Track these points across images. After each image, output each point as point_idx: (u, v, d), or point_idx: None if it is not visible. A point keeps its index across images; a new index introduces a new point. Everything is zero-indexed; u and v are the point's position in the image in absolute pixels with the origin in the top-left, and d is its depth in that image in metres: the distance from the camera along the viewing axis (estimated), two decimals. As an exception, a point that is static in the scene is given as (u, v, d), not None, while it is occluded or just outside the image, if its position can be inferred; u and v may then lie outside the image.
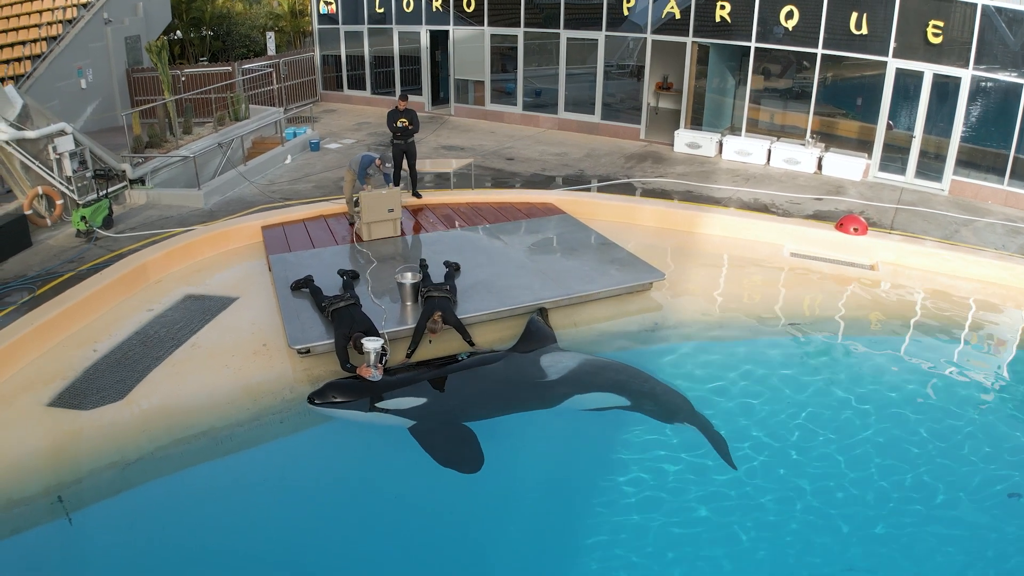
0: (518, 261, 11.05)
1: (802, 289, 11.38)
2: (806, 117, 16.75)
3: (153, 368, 9.02)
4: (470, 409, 8.32)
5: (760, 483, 7.45)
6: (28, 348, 9.07)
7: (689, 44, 17.65)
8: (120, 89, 20.09)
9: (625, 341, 9.83)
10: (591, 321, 10.07)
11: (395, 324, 9.38)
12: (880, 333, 10.43)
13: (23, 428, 7.92)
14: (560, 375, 8.64)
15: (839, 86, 16.66)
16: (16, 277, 11.05)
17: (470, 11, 20.58)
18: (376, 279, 10.57)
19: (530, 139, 19.40)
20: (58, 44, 18.16)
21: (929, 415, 8.49)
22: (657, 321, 10.20)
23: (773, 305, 10.91)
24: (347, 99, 24.15)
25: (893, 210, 14.18)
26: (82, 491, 7.25)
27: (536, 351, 8.96)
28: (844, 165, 16.20)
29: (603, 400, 8.57)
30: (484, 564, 6.75)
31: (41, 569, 6.59)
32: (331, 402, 8.16)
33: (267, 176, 16.31)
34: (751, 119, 17.61)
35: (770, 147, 16.92)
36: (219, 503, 7.41)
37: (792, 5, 16.06)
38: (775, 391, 8.87)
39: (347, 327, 8.74)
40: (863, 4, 15.20)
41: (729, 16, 16.84)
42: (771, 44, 16.60)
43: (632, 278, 10.52)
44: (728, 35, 17.04)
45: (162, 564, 6.66)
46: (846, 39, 15.61)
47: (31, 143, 12.30)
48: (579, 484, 7.64)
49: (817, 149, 16.59)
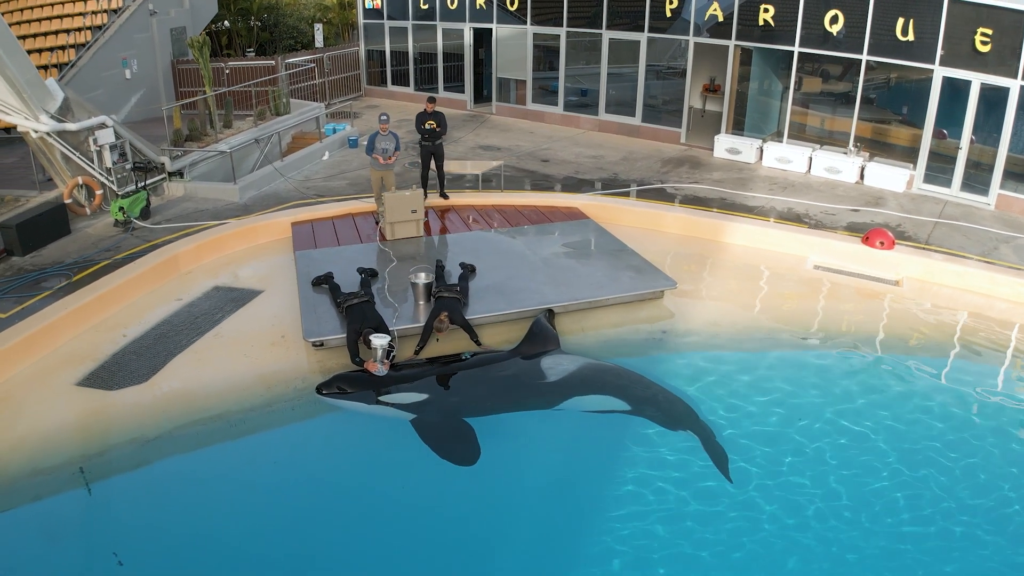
0: (533, 264, 11.75)
1: (821, 303, 11.78)
2: (850, 125, 17.01)
3: (177, 354, 10.01)
4: (470, 406, 9.05)
5: (755, 494, 7.87)
6: (62, 331, 10.16)
7: (732, 47, 18.09)
8: (164, 80, 21.42)
9: (632, 348, 10.43)
10: (599, 327, 10.71)
11: (407, 322, 10.19)
12: (896, 350, 10.72)
13: (53, 404, 8.96)
14: (560, 377, 9.31)
15: (884, 93, 16.94)
16: (54, 263, 12.21)
17: (514, 9, 21.33)
18: (394, 278, 11.39)
19: (568, 140, 20.06)
20: (103, 34, 19.49)
21: (941, 434, 8.81)
22: (666, 329, 10.79)
23: (788, 318, 11.36)
24: (390, 95, 25.16)
25: (932, 224, 14.39)
26: (103, 464, 8.21)
27: (538, 353, 9.64)
28: (887, 176, 16.43)
29: (602, 403, 9.17)
30: (483, 550, 7.40)
31: (58, 535, 7.50)
32: (338, 393, 8.98)
33: (303, 172, 17.32)
34: (794, 125, 17.94)
35: (811, 155, 17.23)
36: (230, 481, 8.28)
37: (837, 9, 16.39)
38: (780, 405, 9.28)
39: (359, 323, 9.57)
40: (910, 9, 15.44)
41: (773, 19, 17.23)
42: (815, 49, 16.92)
43: (643, 285, 11.12)
44: (771, 39, 17.43)
45: (173, 534, 7.50)
46: (892, 45, 15.87)
47: (72, 135, 13.48)
48: (581, 484, 8.23)
49: (860, 158, 16.87)
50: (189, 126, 16.94)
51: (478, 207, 14.39)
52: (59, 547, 7.38)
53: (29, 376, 9.50)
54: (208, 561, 7.21)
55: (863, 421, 8.98)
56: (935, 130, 15.95)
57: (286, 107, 19.87)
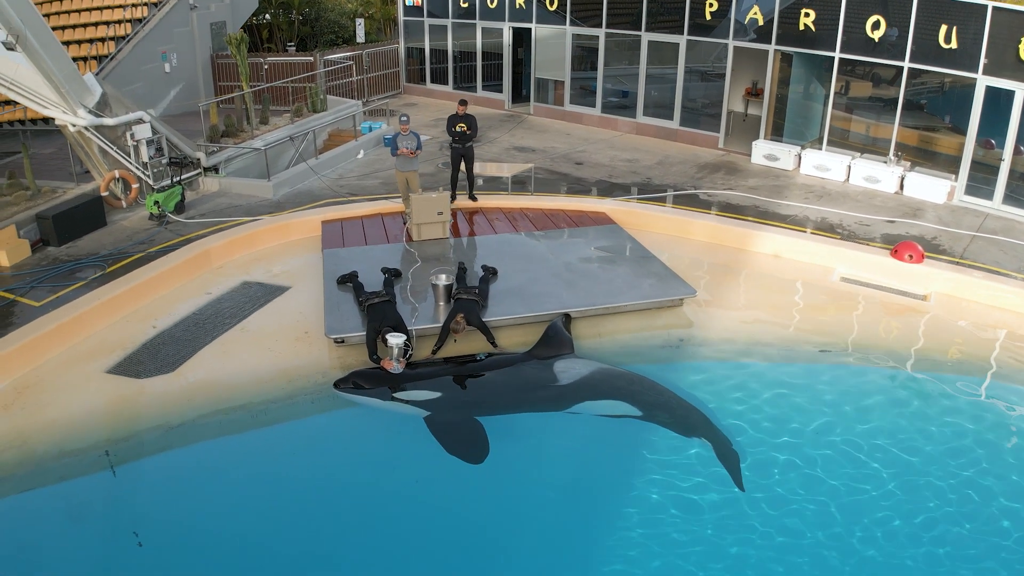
0: (555, 269, 12.22)
1: (844, 316, 12.01)
2: (890, 133, 17.13)
3: (204, 346, 10.69)
4: (482, 405, 9.58)
5: (767, 510, 8.22)
6: (95, 320, 10.92)
7: (771, 52, 18.32)
8: (204, 74, 22.32)
9: (647, 355, 10.85)
10: (616, 333, 11.15)
11: (426, 322, 10.74)
12: (916, 366, 10.92)
13: (83, 390, 9.70)
14: (572, 380, 9.77)
15: (926, 102, 17.02)
16: (89, 255, 13.01)
17: (552, 9, 21.80)
18: (417, 278, 11.96)
19: (604, 143, 20.46)
20: (143, 27, 20.43)
21: (956, 450, 9.08)
22: (683, 337, 11.18)
23: (807, 330, 11.63)
24: (429, 93, 25.82)
25: (969, 238, 14.48)
26: (128, 448, 8.90)
27: (552, 356, 10.11)
28: (927, 186, 16.49)
29: (613, 408, 9.61)
30: (492, 547, 7.89)
31: (81, 514, 8.19)
32: (354, 388, 9.56)
33: (337, 170, 17.98)
34: (834, 132, 18.10)
35: (850, 163, 17.39)
36: (250, 469, 8.91)
37: (879, 15, 16.51)
38: (792, 417, 9.60)
39: (378, 321, 10.14)
40: (953, 17, 15.53)
41: (813, 24, 17.43)
42: (856, 55, 17.08)
43: (662, 293, 11.52)
44: (812, 44, 17.62)
45: (192, 518, 8.14)
46: (934, 53, 15.95)
47: (109, 129, 14.30)
48: (592, 485, 8.69)
49: (900, 168, 16.97)
50: (226, 122, 17.72)
51: (506, 210, 14.89)
52: (82, 526, 8.07)
53: (61, 363, 10.27)
54: (223, 545, 7.81)
55: (874, 437, 9.26)
56: (982, 140, 15.98)
57: (323, 104, 20.59)
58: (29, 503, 8.32)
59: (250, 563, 7.63)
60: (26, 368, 10.03)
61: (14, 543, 7.82)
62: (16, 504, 8.26)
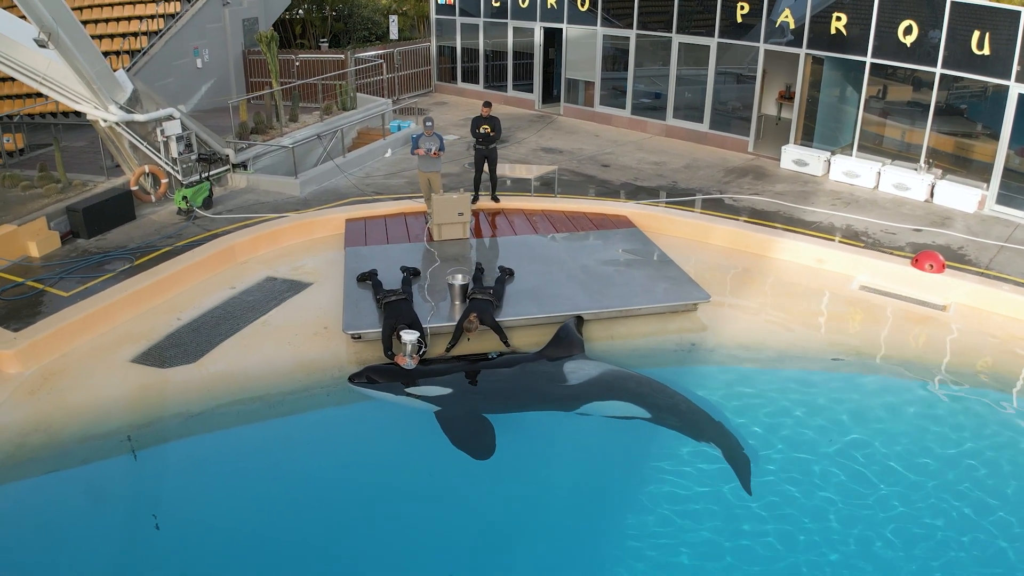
0: (571, 271, 12.63)
1: (860, 325, 12.28)
2: (922, 140, 17.27)
3: (226, 339, 11.28)
4: (491, 402, 10.03)
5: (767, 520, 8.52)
6: (121, 311, 11.57)
7: (802, 55, 18.55)
8: (236, 70, 23.08)
9: (658, 358, 11.21)
10: (628, 336, 11.53)
11: (442, 321, 11.22)
12: (929, 378, 11.13)
13: (108, 378, 10.33)
14: (581, 381, 10.18)
15: (959, 108, 17.12)
16: (118, 247, 13.69)
17: (584, 9, 22.21)
18: (435, 278, 12.44)
19: (633, 145, 20.82)
20: (175, 23, 21.21)
21: (954, 463, 9.32)
22: (695, 342, 11.52)
23: (820, 338, 11.91)
24: (460, 92, 26.37)
25: (997, 248, 14.58)
26: (149, 434, 9.50)
27: (562, 357, 10.52)
28: (957, 194, 16.59)
29: (622, 409, 9.99)
30: (500, 541, 8.34)
31: (102, 496, 8.79)
32: (368, 383, 10.07)
33: (364, 168, 18.55)
34: (865, 138, 18.26)
35: (879, 170, 17.55)
36: (265, 457, 9.47)
37: (911, 20, 16.65)
38: (800, 425, 9.89)
39: (394, 319, 10.64)
40: (986, 23, 15.63)
41: (845, 28, 17.63)
42: (888, 60, 17.24)
43: (676, 297, 11.89)
44: (843, 48, 17.83)
45: (209, 503, 8.69)
46: (966, 59, 16.09)
47: (140, 125, 15.01)
48: (604, 487, 9.08)
49: (930, 175, 17.08)
50: (255, 119, 18.37)
51: (527, 211, 15.33)
52: (102, 507, 8.68)
53: (88, 351, 10.91)
54: (238, 529, 8.34)
55: (885, 446, 9.53)
56: (1016, 148, 16.03)
57: (352, 102, 21.19)
58: (52, 484, 8.92)
59: (260, 547, 8.11)
60: (53, 355, 10.69)
61: (35, 523, 8.41)
62: (40, 485, 8.89)
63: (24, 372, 10.41)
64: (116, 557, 8.06)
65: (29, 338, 10.60)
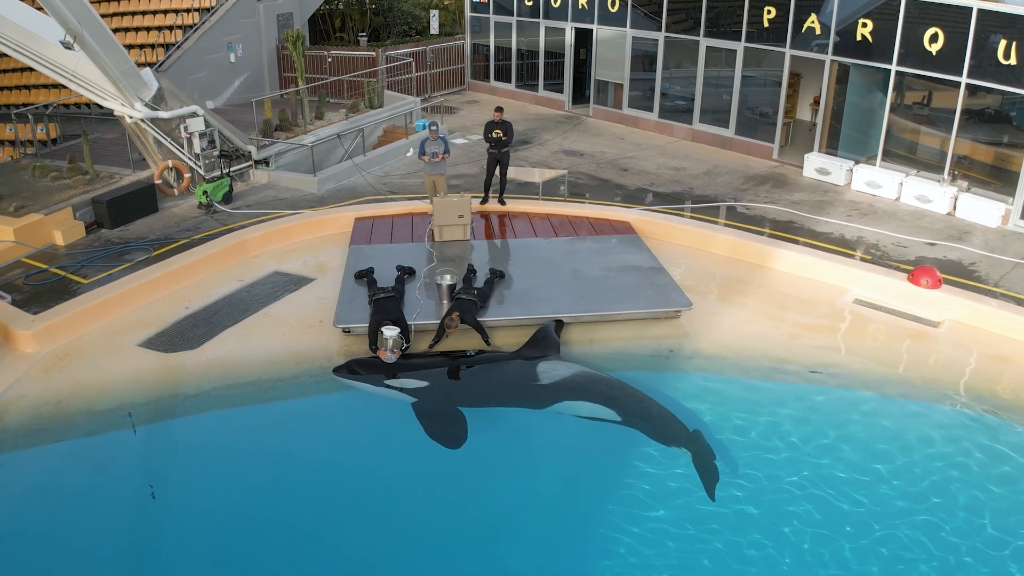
0: (561, 275, 13.80)
1: (844, 339, 13.03)
2: (946, 151, 17.74)
3: (227, 328, 12.73)
4: (465, 396, 11.25)
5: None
6: (134, 299, 13.13)
7: (828, 62, 19.31)
8: (269, 65, 24.70)
9: (635, 363, 12.24)
10: (608, 340, 12.63)
11: (428, 318, 12.47)
12: (909, 395, 11.70)
13: (115, 359, 11.86)
14: (552, 380, 11.32)
15: (986, 120, 17.55)
16: (138, 238, 15.29)
17: (614, 11, 23.27)
18: (429, 278, 13.69)
19: (656, 149, 21.82)
20: (210, 17, 22.88)
21: (922, 483, 9.96)
22: (673, 348, 12.55)
23: (804, 350, 12.63)
24: (492, 90, 27.69)
25: (1011, 265, 14.93)
26: (149, 412, 11.01)
27: (537, 357, 11.68)
28: (981, 208, 16.98)
29: (592, 410, 11.05)
30: (478, 528, 9.44)
31: (104, 466, 10.26)
32: (350, 374, 11.37)
33: (385, 167, 19.92)
34: (890, 148, 18.82)
35: (902, 181, 18.13)
36: (254, 437, 10.90)
37: (937, 27, 17.20)
38: (769, 437, 10.74)
39: (380, 315, 11.94)
40: (1014, 31, 16.09)
41: (871, 35, 18.29)
42: (913, 68, 17.83)
43: (657, 304, 12.95)
44: (868, 55, 18.51)
45: (201, 477, 10.13)
46: (993, 68, 16.52)
47: (164, 122, 16.61)
48: (582, 484, 10.16)
49: (953, 188, 17.52)
50: (280, 116, 19.88)
51: (532, 215, 16.51)
52: (104, 476, 10.13)
53: (100, 335, 12.46)
54: (226, 501, 9.73)
55: (842, 462, 10.31)
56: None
57: (380, 100, 22.57)
58: (59, 453, 10.45)
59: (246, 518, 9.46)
60: (68, 337, 12.26)
61: (41, 488, 9.94)
62: (47, 453, 10.43)
63: (40, 352, 11.99)
64: (112, 521, 9.45)
65: (46, 321, 12.20)
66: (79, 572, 8.76)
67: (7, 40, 14.69)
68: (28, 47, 14.79)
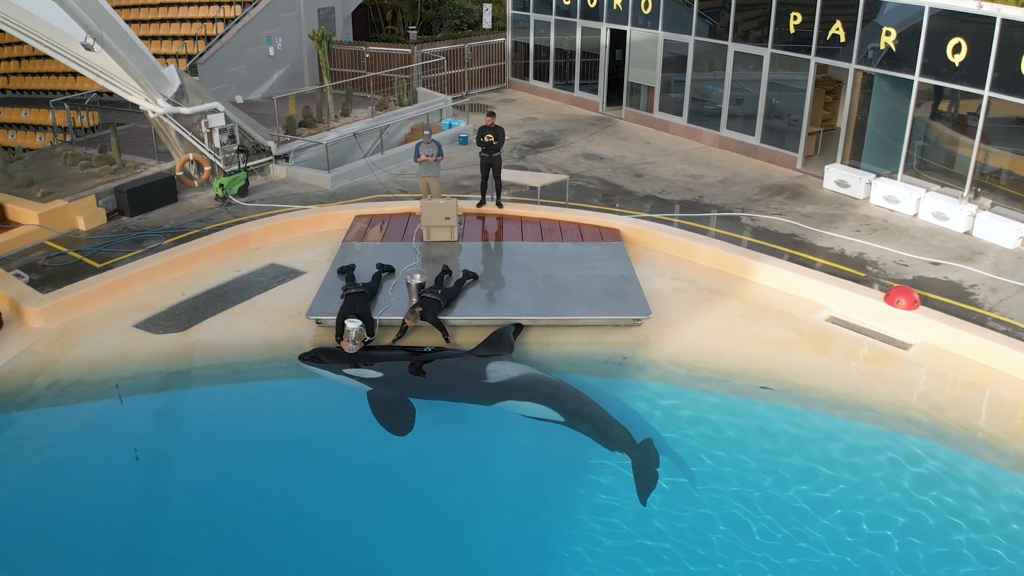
0: (533, 279, 15.42)
1: (806, 356, 13.87)
2: (968, 168, 18.24)
3: (216, 314, 14.76)
4: (416, 389, 12.97)
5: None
6: (136, 284, 15.31)
7: (851, 71, 20.23)
8: (309, 59, 26.78)
9: (588, 368, 13.73)
10: (564, 344, 14.17)
11: (394, 314, 14.22)
12: (859, 417, 12.50)
13: (111, 337, 14.05)
14: (500, 380, 12.91)
15: (1012, 135, 18.07)
16: (153, 226, 17.48)
17: (647, 12, 24.60)
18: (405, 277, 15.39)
19: (679, 155, 23.08)
20: (250, 10, 25.07)
21: (868, 506, 10.79)
22: (627, 356, 13.95)
23: (760, 365, 13.60)
24: (531, 89, 29.39)
25: (1015, 289, 15.28)
26: (134, 385, 13.14)
27: (489, 356, 13.30)
28: (998, 229, 17.33)
29: (535, 411, 12.50)
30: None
31: (92, 431, 12.36)
32: (313, 361, 13.22)
33: (402, 166, 21.71)
34: (912, 162, 19.56)
35: (920, 197, 18.75)
36: (225, 411, 13.07)
37: (961, 38, 17.78)
38: (700, 449, 11.87)
39: (348, 309, 13.78)
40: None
41: (894, 44, 19.07)
42: (935, 79, 18.49)
43: (617, 311, 14.41)
44: (892, 65, 19.30)
45: (178, 443, 12.39)
46: (1016, 82, 17.02)
47: (185, 117, 18.81)
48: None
49: (972, 206, 17.99)
50: (304, 112, 21.90)
51: (525, 219, 18.09)
52: (92, 440, 12.23)
53: (100, 315, 14.67)
54: (200, 462, 11.80)
55: (781, 478, 11.27)
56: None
57: (412, 97, 24.39)
58: (52, 417, 12.64)
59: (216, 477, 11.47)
60: (72, 316, 14.50)
61: (36, 447, 12.07)
62: (41, 416, 12.69)
63: (46, 327, 14.24)
64: (96, 480, 11.47)
65: (53, 300, 14.46)
66: (63, 524, 10.68)
67: (40, 38, 17.00)
68: (59, 45, 17.07)
